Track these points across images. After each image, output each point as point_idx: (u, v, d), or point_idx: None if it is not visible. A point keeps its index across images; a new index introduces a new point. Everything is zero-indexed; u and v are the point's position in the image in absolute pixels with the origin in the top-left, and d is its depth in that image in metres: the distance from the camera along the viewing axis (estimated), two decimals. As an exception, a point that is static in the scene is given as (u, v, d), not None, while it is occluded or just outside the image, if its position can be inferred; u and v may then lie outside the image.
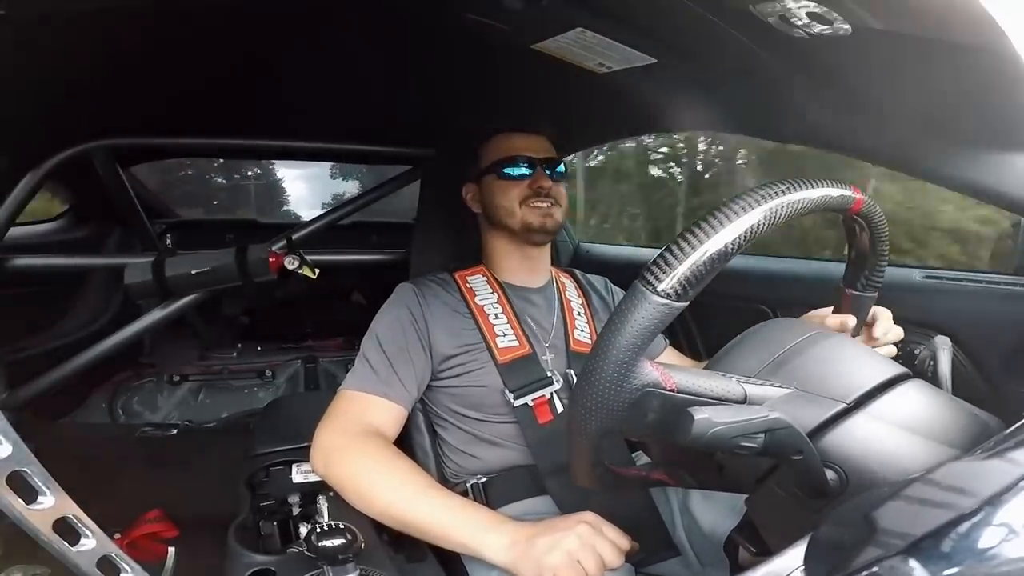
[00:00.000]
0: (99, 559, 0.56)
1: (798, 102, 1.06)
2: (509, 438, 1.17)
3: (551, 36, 1.14)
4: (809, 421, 0.58)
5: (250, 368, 2.54)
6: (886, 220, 0.72)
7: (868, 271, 0.78)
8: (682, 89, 1.28)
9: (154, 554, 1.52)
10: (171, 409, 2.44)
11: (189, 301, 1.80)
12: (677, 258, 0.55)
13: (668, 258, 0.55)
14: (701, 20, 0.93)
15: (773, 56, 0.97)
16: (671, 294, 0.54)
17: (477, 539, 0.88)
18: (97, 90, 1.40)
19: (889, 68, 0.87)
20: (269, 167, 3.83)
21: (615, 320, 0.56)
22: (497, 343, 1.19)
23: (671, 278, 0.54)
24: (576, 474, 0.70)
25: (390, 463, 0.99)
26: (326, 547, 0.80)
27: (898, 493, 0.47)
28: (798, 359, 0.65)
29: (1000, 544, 0.40)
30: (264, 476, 1.17)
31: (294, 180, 3.84)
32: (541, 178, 1.25)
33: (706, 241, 0.55)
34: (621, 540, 0.86)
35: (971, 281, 1.25)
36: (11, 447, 0.51)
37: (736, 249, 0.55)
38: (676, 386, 0.57)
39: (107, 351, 1.78)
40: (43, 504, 0.53)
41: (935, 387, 0.65)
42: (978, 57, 0.70)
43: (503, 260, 1.32)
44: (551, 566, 0.81)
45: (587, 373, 0.58)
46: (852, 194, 0.65)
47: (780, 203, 0.57)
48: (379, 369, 1.12)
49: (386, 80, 1.55)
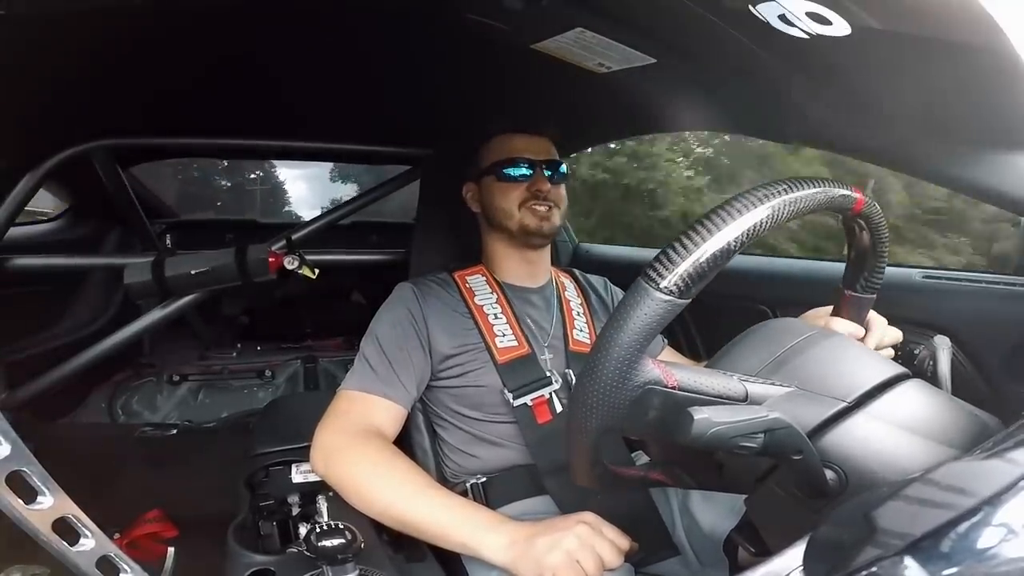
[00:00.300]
0: (98, 559, 0.56)
1: (798, 102, 1.05)
2: (508, 438, 1.17)
3: (551, 36, 1.14)
4: (810, 420, 0.58)
5: (250, 368, 2.54)
6: (886, 222, 0.72)
7: (867, 272, 0.78)
8: (682, 89, 1.28)
9: (153, 554, 1.53)
10: (171, 409, 2.44)
11: (189, 301, 1.80)
12: (680, 255, 0.55)
13: (671, 255, 0.55)
14: (700, 20, 0.93)
15: (773, 56, 0.97)
16: (674, 291, 0.55)
17: (476, 539, 0.88)
18: (97, 90, 1.40)
19: (889, 68, 0.87)
20: (269, 167, 3.83)
21: (617, 316, 0.56)
22: (496, 343, 1.19)
23: (674, 275, 0.55)
24: (575, 473, 0.70)
25: (390, 463, 0.99)
26: (325, 547, 0.80)
27: (897, 493, 0.47)
28: (798, 358, 0.65)
29: (999, 544, 0.40)
30: (263, 476, 1.17)
31: (294, 180, 3.84)
32: (540, 180, 1.25)
33: (709, 239, 0.55)
34: (621, 540, 0.86)
35: (970, 281, 1.25)
36: (10, 447, 0.51)
37: (739, 247, 0.55)
38: (677, 384, 0.57)
39: (107, 351, 1.78)
40: (43, 504, 0.53)
41: (934, 387, 0.65)
42: (978, 56, 0.70)
43: (502, 260, 1.32)
44: (550, 566, 0.81)
45: (588, 370, 0.58)
46: (853, 194, 0.65)
47: (783, 202, 0.58)
48: (379, 369, 1.12)
49: (386, 80, 1.55)
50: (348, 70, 1.51)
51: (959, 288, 1.26)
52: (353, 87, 1.63)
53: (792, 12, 0.79)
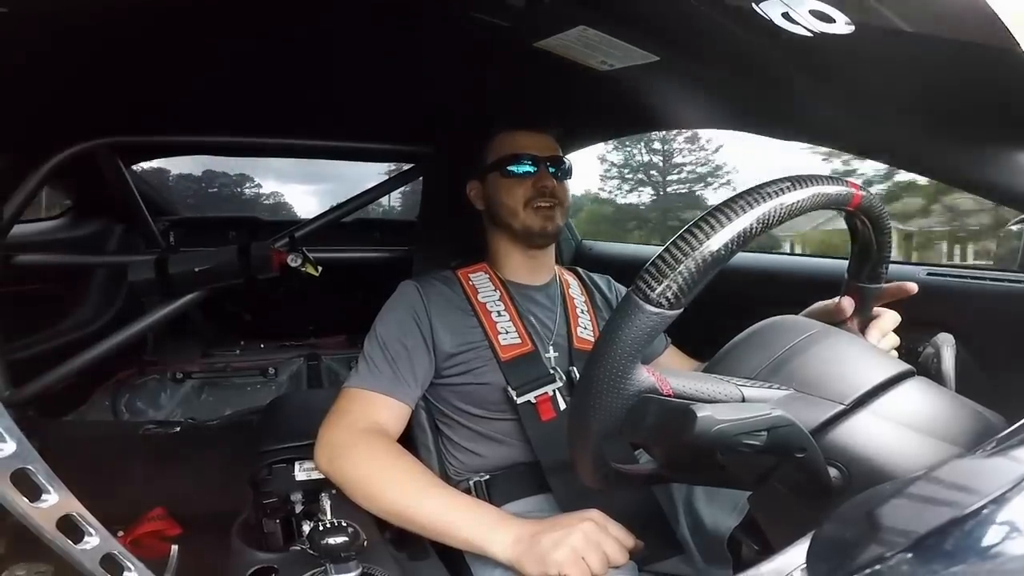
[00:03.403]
0: (102, 557, 0.56)
1: (801, 99, 1.05)
2: (512, 435, 1.17)
3: (554, 34, 1.14)
4: (808, 422, 0.58)
5: (253, 366, 2.54)
6: (888, 213, 0.72)
7: (872, 264, 0.77)
8: (684, 87, 1.28)
9: (157, 552, 1.53)
10: (174, 407, 2.44)
11: (192, 298, 1.80)
12: (669, 266, 0.54)
13: (660, 266, 0.55)
14: (703, 18, 0.93)
15: (776, 53, 0.96)
16: (663, 303, 0.54)
17: (481, 536, 0.89)
18: (100, 88, 1.40)
19: (892, 65, 0.86)
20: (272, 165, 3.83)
21: (609, 329, 0.56)
22: (500, 340, 1.19)
23: (663, 287, 0.54)
24: (580, 473, 0.70)
25: (394, 461, 1.00)
26: (329, 544, 0.80)
27: (901, 491, 0.47)
28: (798, 359, 0.64)
29: (1003, 542, 0.40)
30: (267, 474, 1.18)
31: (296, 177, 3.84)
32: (544, 177, 1.25)
33: (698, 248, 0.54)
34: (626, 538, 0.86)
35: (975, 278, 1.25)
36: (15, 444, 0.51)
37: (729, 254, 0.55)
38: (673, 391, 0.57)
39: (110, 349, 1.78)
40: (47, 502, 0.53)
41: (939, 385, 0.65)
42: (981, 54, 0.70)
43: (506, 258, 1.32)
44: (556, 563, 0.81)
45: (584, 381, 0.58)
46: (850, 190, 0.64)
47: (775, 205, 0.56)
48: (382, 367, 1.12)
49: (390, 77, 1.55)
50: (351, 67, 1.50)
51: (963, 285, 1.25)
52: (356, 84, 1.63)
53: (795, 10, 0.78)
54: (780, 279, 1.63)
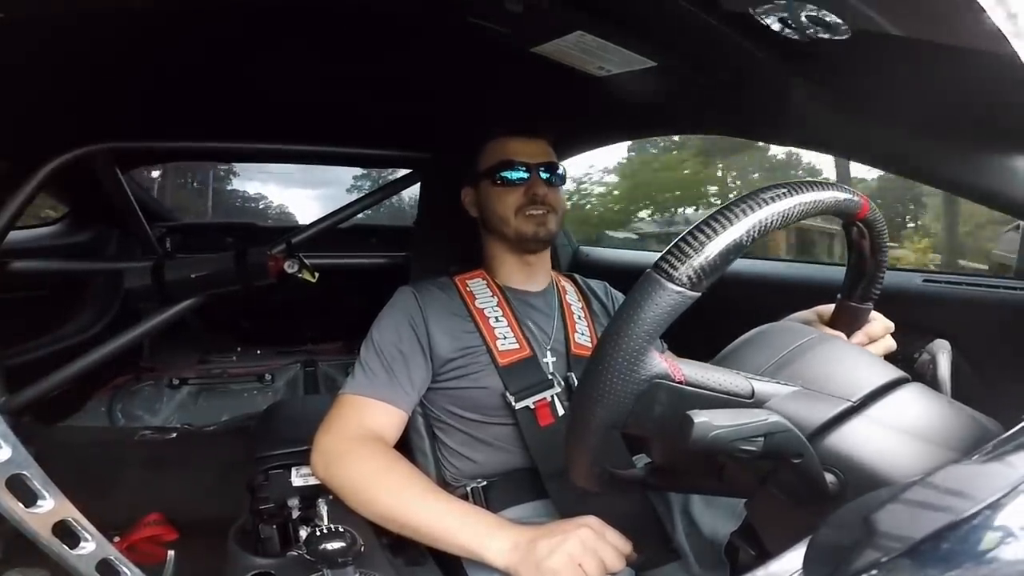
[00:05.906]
0: (98, 562, 0.56)
1: (798, 105, 1.06)
2: (510, 441, 1.17)
3: (551, 39, 1.14)
4: (816, 419, 0.58)
5: (249, 372, 2.54)
6: (887, 229, 0.72)
7: (866, 282, 0.78)
8: (681, 92, 1.29)
9: (153, 557, 1.52)
10: (170, 412, 2.43)
11: (188, 305, 1.80)
12: (693, 247, 0.55)
13: (684, 247, 0.55)
14: (700, 23, 0.93)
15: (772, 59, 0.97)
16: (686, 282, 0.54)
17: (478, 543, 0.88)
18: (97, 93, 1.40)
19: (888, 71, 0.87)
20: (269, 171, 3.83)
21: (627, 308, 0.56)
22: (497, 345, 1.19)
23: (687, 266, 0.54)
24: (574, 473, 0.70)
25: (391, 467, 1.00)
26: (326, 550, 0.80)
27: (897, 496, 0.47)
28: (801, 359, 0.65)
29: (999, 547, 0.40)
30: (264, 479, 1.17)
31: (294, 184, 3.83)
32: (537, 184, 1.25)
33: (722, 233, 0.55)
34: (623, 544, 0.86)
35: (970, 285, 1.25)
36: (11, 450, 0.51)
37: (749, 242, 0.56)
38: (685, 379, 0.57)
39: (107, 355, 1.78)
40: (43, 507, 0.53)
41: (934, 391, 0.65)
42: (977, 59, 0.70)
43: (501, 264, 1.32)
44: (552, 569, 0.81)
45: (596, 361, 0.57)
46: (859, 199, 0.66)
47: (793, 202, 0.58)
48: (379, 373, 1.12)
49: (387, 83, 1.56)
50: (349, 73, 1.51)
51: (958, 292, 1.25)
52: (354, 90, 1.63)
53: (792, 15, 0.79)
54: (774, 285, 1.63)
